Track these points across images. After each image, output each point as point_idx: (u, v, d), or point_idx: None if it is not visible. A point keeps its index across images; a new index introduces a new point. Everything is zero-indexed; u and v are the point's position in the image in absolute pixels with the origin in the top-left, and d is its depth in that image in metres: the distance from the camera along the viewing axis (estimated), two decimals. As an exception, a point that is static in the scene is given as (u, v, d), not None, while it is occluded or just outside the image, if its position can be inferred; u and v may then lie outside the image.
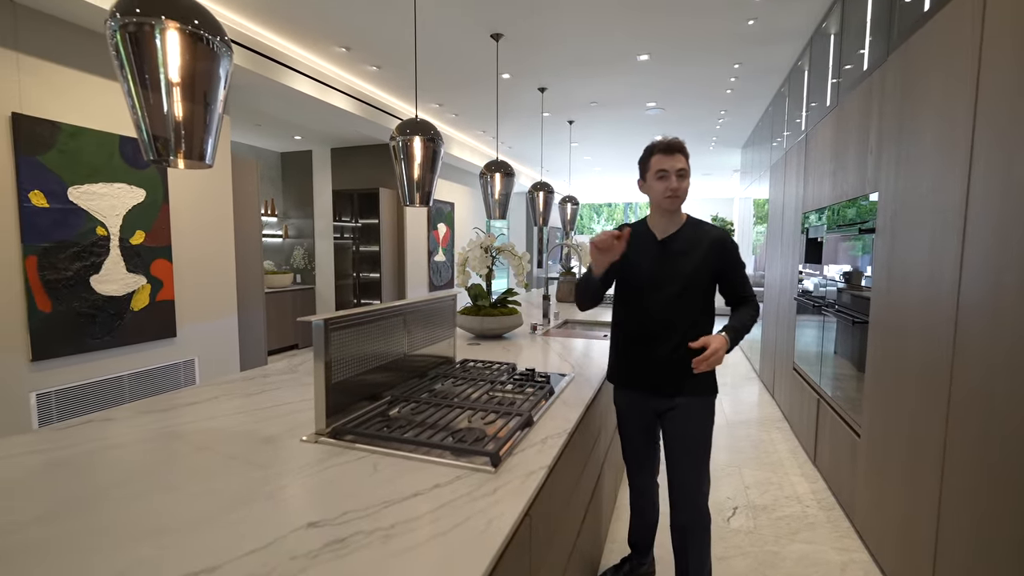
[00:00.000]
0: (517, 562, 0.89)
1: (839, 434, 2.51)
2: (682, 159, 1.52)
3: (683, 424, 1.58)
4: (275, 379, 1.73)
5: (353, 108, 4.69)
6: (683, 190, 1.52)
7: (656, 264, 1.58)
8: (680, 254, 1.56)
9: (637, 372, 1.63)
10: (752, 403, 4.18)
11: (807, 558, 2.07)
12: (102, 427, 1.25)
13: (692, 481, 1.58)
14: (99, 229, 2.92)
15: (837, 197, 2.69)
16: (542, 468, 1.04)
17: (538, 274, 11.48)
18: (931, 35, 1.74)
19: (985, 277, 1.39)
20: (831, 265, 2.81)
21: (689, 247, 1.57)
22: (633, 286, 1.62)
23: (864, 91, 2.35)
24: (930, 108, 1.72)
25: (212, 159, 1.18)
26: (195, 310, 3.54)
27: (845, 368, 2.50)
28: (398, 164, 2.24)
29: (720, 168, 9.29)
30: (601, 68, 4.31)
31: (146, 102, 1.07)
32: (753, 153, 6.38)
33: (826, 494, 2.60)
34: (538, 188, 4.68)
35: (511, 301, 2.65)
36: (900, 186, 1.93)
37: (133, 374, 3.14)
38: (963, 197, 1.50)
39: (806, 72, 3.74)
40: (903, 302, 1.88)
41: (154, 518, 0.83)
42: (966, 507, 1.44)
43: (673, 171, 1.51)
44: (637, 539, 1.87)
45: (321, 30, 3.59)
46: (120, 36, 1.05)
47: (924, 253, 1.73)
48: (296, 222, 6.68)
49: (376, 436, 1.15)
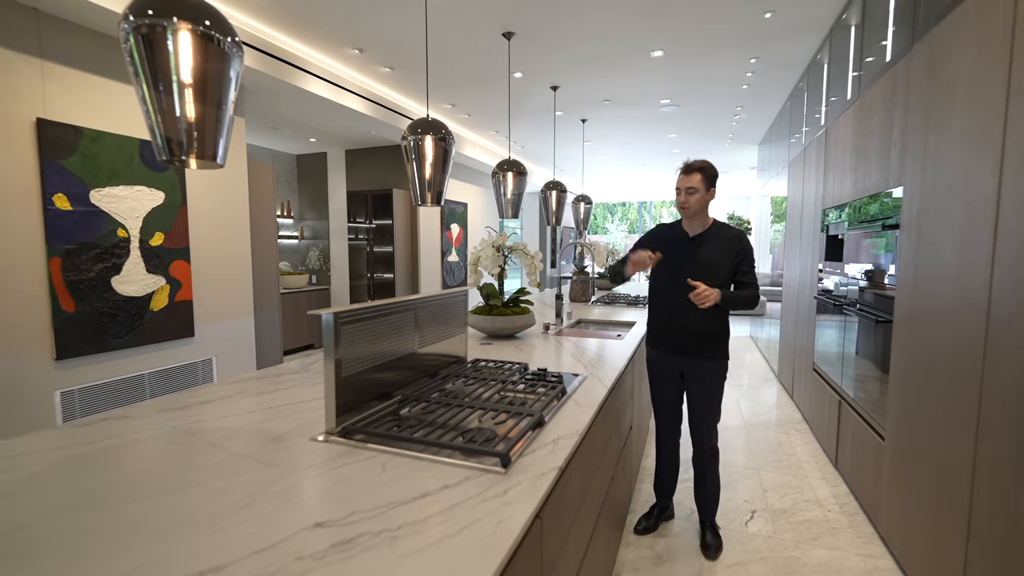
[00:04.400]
0: (527, 564, 0.87)
1: (862, 437, 2.43)
2: (696, 178, 1.96)
3: (701, 381, 2.05)
4: (288, 378, 1.74)
5: (367, 110, 4.72)
6: (691, 203, 1.98)
7: (687, 255, 2.01)
8: (707, 249, 2.00)
9: (668, 337, 2.08)
10: (771, 405, 4.09)
11: (829, 564, 2.01)
12: (119, 424, 1.26)
13: (706, 426, 2.07)
14: (120, 231, 2.98)
15: (859, 193, 2.61)
16: (553, 469, 1.02)
17: (551, 273, 11.44)
18: (960, 20, 1.67)
19: (1020, 273, 1.32)
20: (852, 263, 2.73)
21: (715, 244, 2.00)
22: (668, 272, 2.04)
23: (887, 83, 2.28)
24: (959, 97, 1.66)
25: (224, 159, 1.19)
26: (213, 310, 3.60)
27: (868, 369, 2.42)
28: (409, 164, 2.24)
29: (736, 166, 9.14)
30: (614, 65, 4.27)
31: (159, 103, 1.08)
32: (770, 150, 6.26)
33: (848, 499, 2.53)
34: (551, 187, 4.65)
35: (523, 300, 2.63)
36: (927, 180, 1.86)
37: (153, 373, 3.20)
38: (995, 190, 1.43)
39: (825, 65, 3.65)
40: (930, 300, 1.81)
41: (163, 516, 0.83)
42: (999, 514, 1.38)
43: (684, 188, 1.98)
44: (663, 485, 2.28)
45: (335, 32, 3.62)
46: (133, 38, 1.06)
47: (953, 249, 1.66)
48: (311, 223, 6.75)
49: (386, 436, 1.14)
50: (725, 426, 3.55)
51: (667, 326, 2.07)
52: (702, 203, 1.97)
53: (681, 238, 2.05)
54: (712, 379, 2.04)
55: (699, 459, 2.12)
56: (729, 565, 2.00)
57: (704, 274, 1.94)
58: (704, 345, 2.00)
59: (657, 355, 2.15)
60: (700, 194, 1.96)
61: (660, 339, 2.12)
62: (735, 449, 3.16)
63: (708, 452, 2.10)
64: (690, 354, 2.04)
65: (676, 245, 2.04)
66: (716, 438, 2.11)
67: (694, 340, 2.01)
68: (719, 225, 2.05)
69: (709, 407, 2.06)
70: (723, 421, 3.63)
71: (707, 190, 1.97)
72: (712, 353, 2.02)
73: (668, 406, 2.18)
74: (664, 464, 2.27)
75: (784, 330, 4.66)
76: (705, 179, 1.96)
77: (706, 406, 2.06)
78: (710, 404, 2.06)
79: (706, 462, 2.11)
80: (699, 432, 2.09)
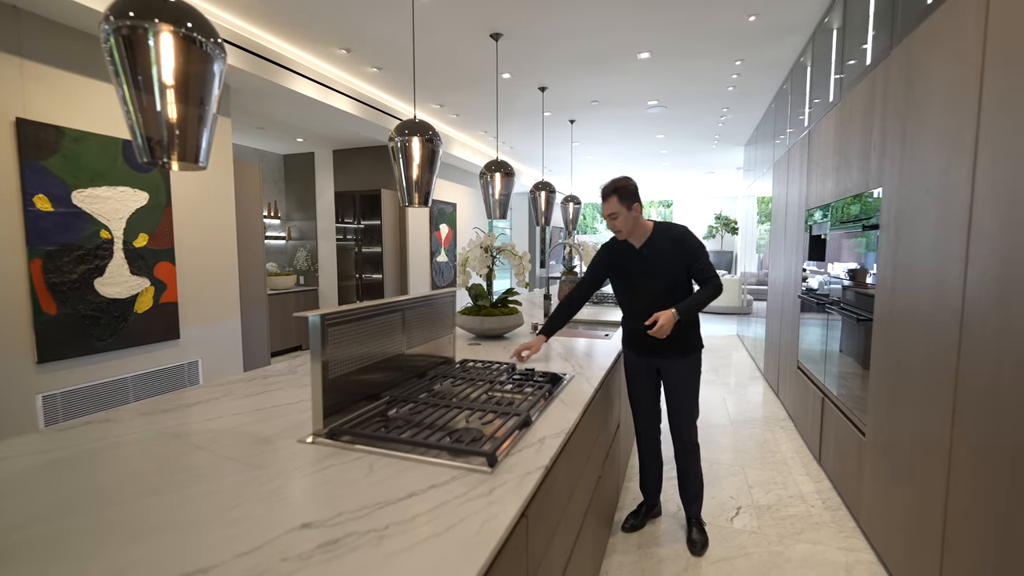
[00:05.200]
0: (513, 563, 0.88)
1: (844, 433, 2.48)
2: (612, 201, 1.96)
3: (676, 376, 2.09)
4: (275, 380, 1.73)
5: (354, 110, 4.70)
6: (618, 226, 2.00)
7: (638, 267, 2.06)
8: (654, 256, 2.03)
9: (639, 341, 2.10)
10: (756, 402, 4.15)
11: (812, 559, 2.05)
12: (102, 428, 1.25)
13: (685, 421, 2.12)
14: (103, 232, 2.93)
15: (841, 194, 2.66)
16: (539, 469, 1.03)
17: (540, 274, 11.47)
18: (935, 27, 1.72)
19: (991, 273, 1.37)
20: (835, 262, 2.78)
21: (660, 250, 2.03)
22: (625, 284, 2.12)
23: (867, 86, 2.33)
24: (934, 102, 1.70)
25: (206, 160, 1.18)
26: (198, 312, 3.56)
27: (850, 366, 2.47)
28: (397, 165, 2.24)
29: (723, 166, 9.24)
30: (601, 67, 4.30)
31: (140, 104, 1.07)
32: (756, 150, 6.35)
33: (831, 494, 2.58)
34: (540, 188, 4.67)
35: (512, 301, 2.64)
36: (904, 182, 1.91)
37: (137, 376, 3.16)
38: (968, 192, 1.47)
39: (808, 68, 3.71)
40: (908, 299, 1.86)
41: (149, 518, 0.83)
42: (973, 506, 1.42)
43: (606, 216, 2.01)
44: (648, 483, 2.32)
45: (322, 32, 3.60)
46: (114, 39, 1.05)
47: (929, 249, 1.70)
48: (299, 224, 6.70)
49: (373, 437, 1.15)
50: (712, 424, 3.60)
51: (637, 332, 2.07)
52: (629, 222, 1.98)
53: (630, 251, 2.07)
54: (687, 373, 2.08)
55: (680, 455, 2.15)
56: (715, 561, 2.03)
57: (661, 281, 2.00)
58: (674, 343, 2.03)
59: (632, 355, 2.18)
60: (623, 215, 1.96)
61: (634, 342, 2.14)
62: (721, 447, 3.21)
63: (688, 447, 2.13)
64: (663, 353, 2.07)
65: (628, 259, 2.08)
66: (695, 433, 2.14)
67: (664, 342, 2.01)
68: (659, 229, 2.05)
69: (686, 401, 2.10)
70: (710, 419, 3.68)
71: (629, 208, 1.96)
72: (684, 347, 2.06)
73: (646, 403, 2.21)
74: (647, 462, 2.29)
75: (770, 329, 4.73)
76: (622, 200, 1.95)
77: (684, 399, 2.10)
78: (687, 398, 2.10)
79: (687, 458, 2.13)
80: (678, 428, 2.13)
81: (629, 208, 1.97)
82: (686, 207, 13.68)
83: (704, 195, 13.28)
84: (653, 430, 2.25)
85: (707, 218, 13.22)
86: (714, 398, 4.23)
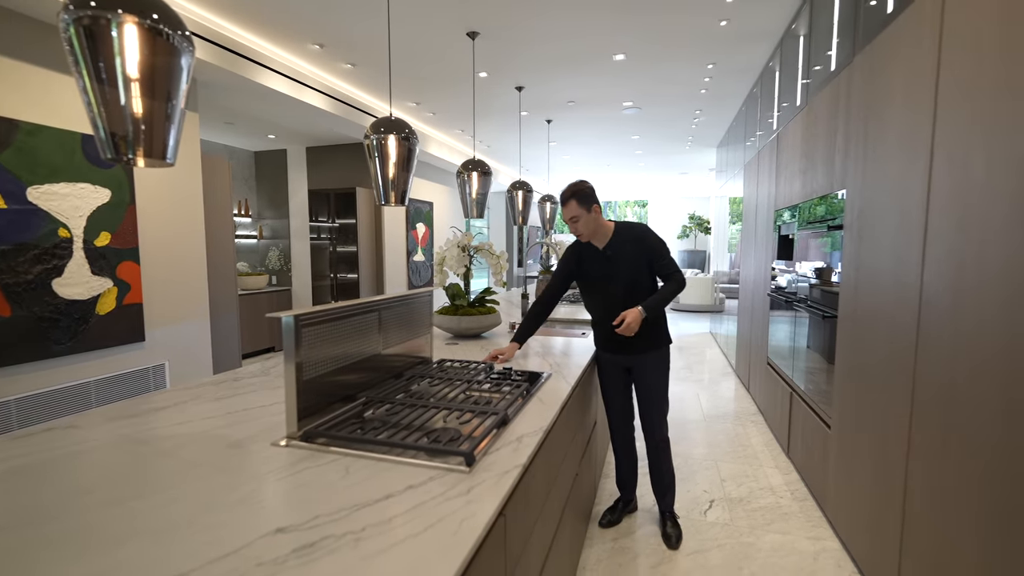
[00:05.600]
0: (491, 561, 0.88)
1: (811, 426, 2.57)
2: (572, 205, 2.00)
3: (646, 373, 2.14)
4: (247, 382, 1.69)
5: (328, 106, 4.61)
6: (579, 229, 2.04)
7: (603, 268, 2.10)
8: (617, 257, 2.07)
9: (608, 340, 2.14)
10: (728, 398, 4.26)
11: (781, 548, 2.12)
12: (64, 435, 1.20)
13: (656, 418, 2.17)
14: (61, 231, 2.81)
15: (807, 195, 2.76)
16: (517, 467, 1.04)
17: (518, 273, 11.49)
18: (894, 36, 1.79)
19: (946, 272, 1.44)
20: (802, 262, 2.88)
21: (623, 250, 2.07)
22: (591, 286, 2.16)
23: (832, 91, 2.41)
24: (894, 108, 1.78)
25: (174, 157, 1.15)
26: (165, 313, 3.44)
27: (816, 362, 2.56)
28: (372, 163, 2.21)
29: (696, 167, 9.44)
30: (578, 67, 4.34)
31: (102, 98, 1.03)
32: (728, 152, 6.50)
33: (799, 485, 2.67)
34: (517, 187, 4.68)
35: (489, 300, 2.64)
36: (867, 184, 1.98)
37: (100, 380, 3.04)
38: (924, 195, 1.55)
39: (777, 72, 3.82)
40: (870, 297, 1.93)
41: (114, 527, 0.80)
42: (929, 494, 1.49)
43: (568, 220, 2.04)
44: (624, 479, 2.36)
45: (294, 27, 3.52)
46: (74, 30, 1.01)
47: (889, 249, 1.78)
48: (271, 222, 6.55)
49: (349, 438, 1.13)
50: (686, 420, 3.67)
51: (605, 332, 2.12)
52: (591, 224, 2.02)
53: (594, 253, 2.11)
54: (656, 369, 2.13)
55: (652, 451, 2.20)
56: (689, 553, 2.08)
57: (627, 280, 2.04)
58: (642, 341, 2.07)
59: (604, 355, 2.22)
60: (584, 218, 2.00)
61: (605, 342, 2.18)
62: (695, 442, 3.28)
63: (660, 443, 2.18)
64: (632, 351, 2.11)
65: (593, 261, 2.12)
66: (666, 429, 2.19)
67: (633, 338, 2.06)
68: (620, 228, 2.10)
69: (656, 397, 2.14)
70: (684, 415, 3.76)
71: (588, 210, 2.00)
72: (651, 344, 2.10)
73: (619, 402, 2.25)
74: (622, 459, 2.33)
75: (741, 326, 4.86)
76: (580, 202, 1.99)
77: (654, 396, 2.14)
78: (657, 394, 2.14)
79: (659, 454, 2.18)
80: (650, 425, 2.17)
81: (588, 210, 2.00)
82: (660, 207, 13.91)
83: (678, 195, 13.54)
84: (627, 427, 2.29)
85: (681, 218, 13.48)
86: (688, 394, 4.32)
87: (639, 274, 2.05)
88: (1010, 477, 1.16)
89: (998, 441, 1.20)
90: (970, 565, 1.29)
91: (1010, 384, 1.16)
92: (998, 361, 1.20)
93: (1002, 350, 1.19)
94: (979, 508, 1.26)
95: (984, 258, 1.27)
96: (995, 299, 1.22)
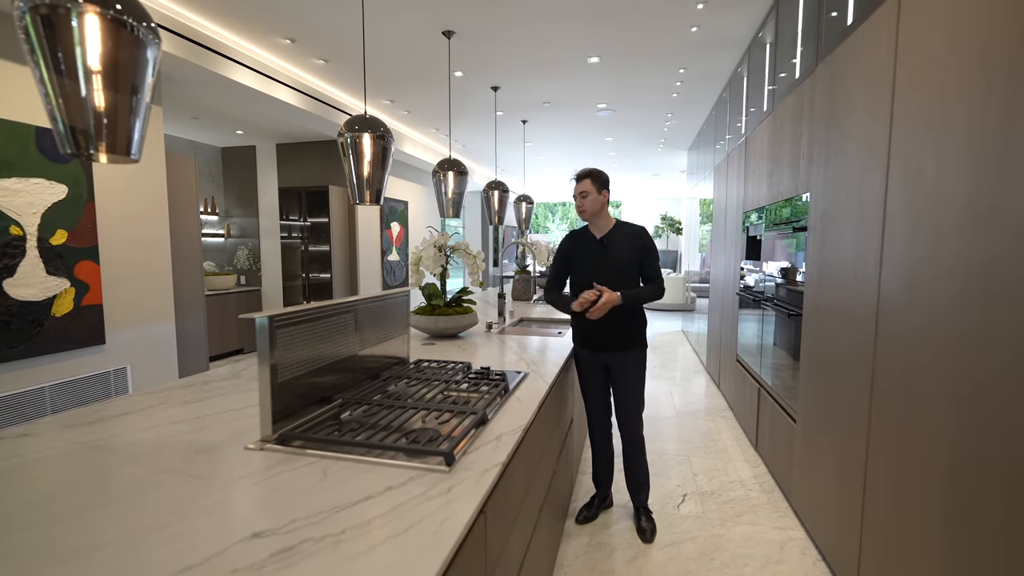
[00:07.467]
0: (472, 559, 0.89)
1: (778, 421, 2.66)
2: (586, 182, 2.12)
3: (624, 372, 2.19)
4: (217, 385, 1.65)
5: (299, 102, 4.51)
6: (586, 205, 2.14)
7: (597, 257, 2.16)
8: (613, 249, 2.14)
9: (590, 336, 2.19)
10: (700, 395, 4.36)
11: (751, 539, 2.19)
12: (17, 444, 1.14)
13: (632, 416, 2.21)
14: (13, 228, 2.66)
15: (774, 197, 2.85)
16: (496, 465, 1.04)
17: (494, 272, 11.49)
18: (854, 47, 1.88)
19: (901, 272, 1.51)
20: (769, 262, 2.98)
21: (619, 242, 2.15)
22: (582, 275, 2.18)
23: (796, 98, 2.50)
24: (854, 115, 1.86)
25: (138, 153, 1.11)
26: (127, 315, 3.30)
27: (783, 359, 2.65)
28: (347, 161, 2.18)
29: (668, 169, 9.63)
30: (553, 69, 4.37)
31: (61, 90, 0.99)
32: (699, 155, 6.66)
33: (767, 478, 2.76)
34: (493, 187, 4.68)
35: (466, 300, 2.64)
36: (829, 187, 2.07)
37: (56, 385, 2.89)
38: (882, 198, 1.62)
39: (745, 79, 3.94)
40: (832, 295, 2.02)
41: (78, 538, 0.77)
42: (888, 483, 1.57)
43: (578, 194, 2.15)
44: (600, 474, 2.39)
45: (264, 20, 3.44)
46: (30, 18, 0.96)
47: (850, 250, 1.86)
48: (239, 221, 6.36)
49: (326, 441, 1.12)
50: (660, 416, 3.75)
51: (588, 326, 2.16)
52: (596, 204, 2.12)
53: (591, 242, 2.19)
54: (634, 369, 2.19)
55: (628, 449, 2.25)
56: (663, 546, 2.13)
57: (617, 271, 2.11)
58: (621, 339, 2.15)
59: (583, 352, 2.26)
60: (593, 196, 2.11)
61: (584, 339, 2.23)
62: (668, 437, 3.35)
63: (636, 441, 2.23)
64: (611, 348, 2.17)
65: (588, 249, 2.19)
66: (641, 426, 2.25)
67: (612, 336, 2.14)
68: (620, 224, 2.20)
69: (634, 396, 2.20)
70: (658, 412, 3.83)
71: (599, 192, 2.12)
72: (629, 343, 2.17)
73: (597, 399, 2.29)
74: (599, 455, 2.37)
75: (711, 324, 4.99)
76: (595, 183, 2.12)
77: (630, 394, 2.20)
78: (634, 393, 2.20)
79: (635, 451, 2.24)
80: (627, 423, 2.23)
81: (599, 192, 2.12)
82: (633, 208, 14.14)
83: (650, 197, 13.78)
84: (604, 424, 2.33)
85: (653, 219, 13.72)
86: (661, 391, 4.41)
87: (629, 268, 2.12)
88: (960, 466, 1.23)
89: (950, 431, 1.27)
90: (927, 551, 1.37)
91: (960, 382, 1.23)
92: (949, 357, 1.27)
93: (953, 344, 1.26)
94: (935, 496, 1.33)
95: (935, 258, 1.34)
96: (945, 296, 1.29)
